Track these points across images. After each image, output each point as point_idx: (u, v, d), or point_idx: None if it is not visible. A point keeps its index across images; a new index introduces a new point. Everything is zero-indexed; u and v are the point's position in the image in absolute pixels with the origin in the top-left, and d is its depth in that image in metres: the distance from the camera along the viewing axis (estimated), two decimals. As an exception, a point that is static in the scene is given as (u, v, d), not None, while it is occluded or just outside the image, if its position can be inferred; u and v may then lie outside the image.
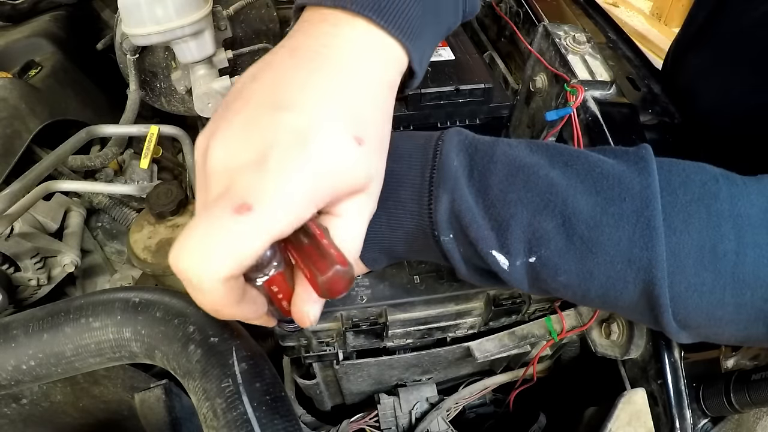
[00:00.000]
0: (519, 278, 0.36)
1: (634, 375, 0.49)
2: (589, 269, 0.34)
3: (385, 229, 0.38)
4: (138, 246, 0.59)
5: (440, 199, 0.35)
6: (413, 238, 0.38)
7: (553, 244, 0.34)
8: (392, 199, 0.37)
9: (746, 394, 0.42)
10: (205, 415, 0.32)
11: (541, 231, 0.34)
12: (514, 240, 0.34)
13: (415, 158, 0.38)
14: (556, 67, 0.62)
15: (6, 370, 0.36)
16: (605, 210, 0.33)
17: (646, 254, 0.32)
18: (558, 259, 0.34)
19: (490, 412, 0.63)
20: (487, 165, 0.36)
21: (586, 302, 0.37)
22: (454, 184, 0.35)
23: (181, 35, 0.67)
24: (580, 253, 0.34)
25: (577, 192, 0.34)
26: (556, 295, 0.37)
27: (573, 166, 0.36)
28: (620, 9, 3.08)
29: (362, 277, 0.44)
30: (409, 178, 0.37)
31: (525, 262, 0.35)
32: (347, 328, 0.43)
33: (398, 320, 0.44)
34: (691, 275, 0.33)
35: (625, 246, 0.33)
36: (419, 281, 0.44)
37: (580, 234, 0.34)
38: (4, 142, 0.63)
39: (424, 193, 0.36)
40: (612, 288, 0.34)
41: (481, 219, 0.35)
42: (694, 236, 0.33)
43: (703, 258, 0.33)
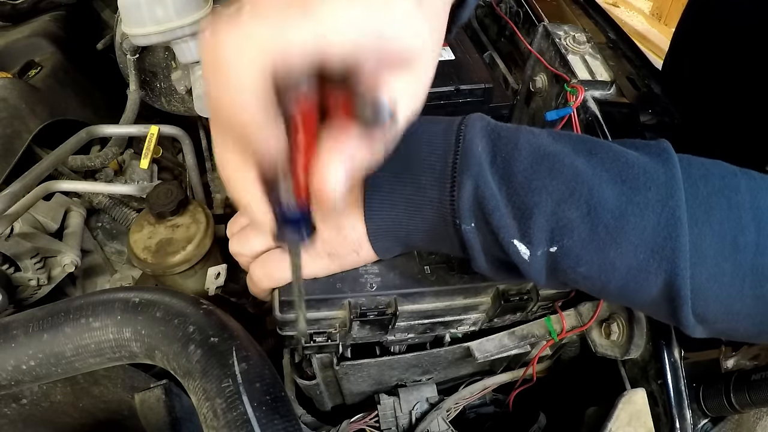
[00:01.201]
0: (538, 269, 0.35)
1: (634, 375, 0.49)
2: (612, 260, 0.33)
3: (403, 216, 0.38)
4: (138, 246, 0.59)
5: (464, 186, 0.35)
6: (432, 226, 0.37)
7: (577, 233, 0.33)
8: (412, 185, 0.37)
9: (746, 394, 0.42)
10: (205, 415, 0.32)
11: (564, 220, 0.34)
12: (537, 229, 0.34)
13: (436, 143, 0.37)
14: (556, 67, 0.62)
15: (6, 370, 0.36)
16: (631, 199, 0.33)
17: (670, 243, 0.32)
18: (580, 250, 0.34)
19: (490, 412, 0.63)
20: (511, 152, 0.35)
21: (603, 295, 0.36)
22: (478, 170, 0.35)
23: (181, 35, 0.67)
24: (604, 243, 0.33)
25: (603, 181, 0.34)
26: (572, 287, 0.37)
27: (597, 155, 0.35)
28: (620, 9, 3.08)
29: (372, 265, 0.44)
30: (429, 164, 0.36)
31: (546, 252, 0.34)
32: (354, 317, 0.43)
33: (406, 311, 0.44)
34: (712, 266, 0.32)
35: (650, 235, 0.33)
36: (430, 272, 0.44)
37: (606, 223, 0.33)
38: (4, 142, 0.63)
39: (447, 180, 0.35)
40: (633, 280, 0.34)
41: (504, 207, 0.34)
42: (716, 227, 0.33)
43: (724, 249, 0.32)
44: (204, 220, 0.61)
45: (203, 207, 0.63)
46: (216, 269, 0.59)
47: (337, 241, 0.40)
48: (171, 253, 0.58)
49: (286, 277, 0.42)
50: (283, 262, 0.41)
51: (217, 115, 0.27)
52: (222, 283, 0.59)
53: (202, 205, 0.63)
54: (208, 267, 0.60)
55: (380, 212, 0.38)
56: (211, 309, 0.38)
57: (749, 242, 0.32)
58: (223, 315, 0.38)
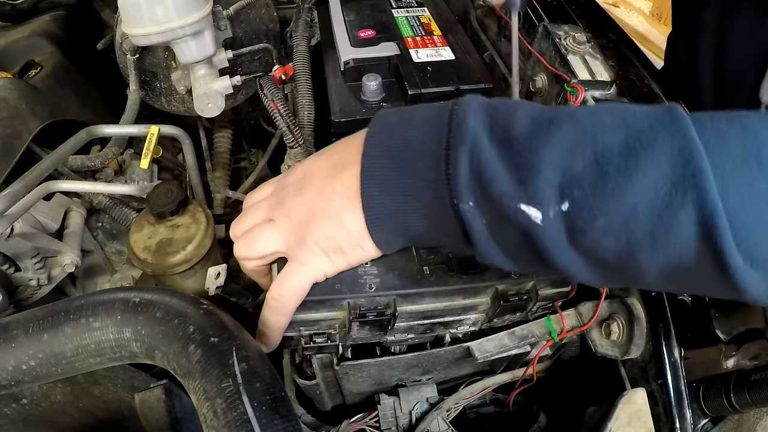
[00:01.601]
0: (554, 234, 0.33)
1: (634, 375, 0.49)
2: (631, 203, 0.31)
3: (401, 203, 0.37)
4: (138, 246, 0.59)
5: (458, 162, 0.34)
6: (431, 211, 0.36)
7: (587, 181, 0.32)
8: (409, 170, 0.37)
9: (746, 394, 0.42)
10: (205, 415, 0.32)
11: (572, 171, 0.32)
12: (545, 185, 0.32)
13: (430, 125, 0.36)
14: (556, 67, 0.62)
15: (6, 370, 0.36)
16: (638, 138, 0.32)
17: (690, 169, 0.30)
18: (593, 198, 0.32)
19: (490, 412, 0.63)
20: (509, 121, 0.35)
21: (633, 253, 0.32)
22: (472, 143, 0.34)
23: (181, 35, 0.67)
24: (618, 185, 0.31)
25: (606, 128, 0.33)
26: (598, 253, 0.33)
27: (597, 109, 0.35)
28: (620, 9, 3.09)
29: (371, 265, 0.43)
30: (425, 146, 0.36)
31: (558, 213, 0.32)
32: (354, 318, 0.43)
33: (405, 312, 0.44)
34: (743, 187, 0.30)
35: (666, 166, 0.31)
36: (429, 272, 0.44)
37: (616, 164, 0.31)
38: (4, 142, 0.63)
39: (441, 159, 0.35)
40: (660, 222, 0.31)
41: (506, 173, 0.33)
42: (735, 149, 0.30)
43: (751, 168, 0.30)
44: (204, 220, 0.61)
45: (203, 207, 0.63)
46: (216, 269, 0.59)
47: (341, 236, 0.40)
48: (171, 253, 0.58)
49: (306, 286, 0.42)
50: (302, 271, 0.41)
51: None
52: (222, 283, 0.59)
53: (202, 205, 0.63)
54: (208, 267, 0.60)
55: (377, 200, 0.38)
56: (211, 309, 0.38)
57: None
58: (223, 315, 0.38)
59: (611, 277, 0.36)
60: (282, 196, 0.44)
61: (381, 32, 0.65)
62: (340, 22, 0.68)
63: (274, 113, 0.65)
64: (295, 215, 0.42)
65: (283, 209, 0.43)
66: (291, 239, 0.42)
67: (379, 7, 0.71)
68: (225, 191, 0.89)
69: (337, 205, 0.40)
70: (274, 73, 0.72)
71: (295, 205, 0.42)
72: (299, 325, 0.45)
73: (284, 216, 0.43)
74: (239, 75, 0.78)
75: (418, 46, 0.64)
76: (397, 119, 0.39)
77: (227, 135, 1.00)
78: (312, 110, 0.67)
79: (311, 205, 0.41)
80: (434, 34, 0.66)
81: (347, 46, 0.63)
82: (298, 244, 0.42)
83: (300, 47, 0.71)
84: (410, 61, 0.61)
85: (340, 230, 0.40)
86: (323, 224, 0.40)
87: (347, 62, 0.61)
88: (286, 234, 0.42)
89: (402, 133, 0.37)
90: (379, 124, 0.40)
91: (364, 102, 0.59)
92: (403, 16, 0.70)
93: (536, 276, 0.45)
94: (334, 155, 0.43)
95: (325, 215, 0.40)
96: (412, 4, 0.73)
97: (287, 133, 0.65)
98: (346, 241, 0.40)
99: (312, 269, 0.41)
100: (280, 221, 0.43)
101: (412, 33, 0.66)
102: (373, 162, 0.38)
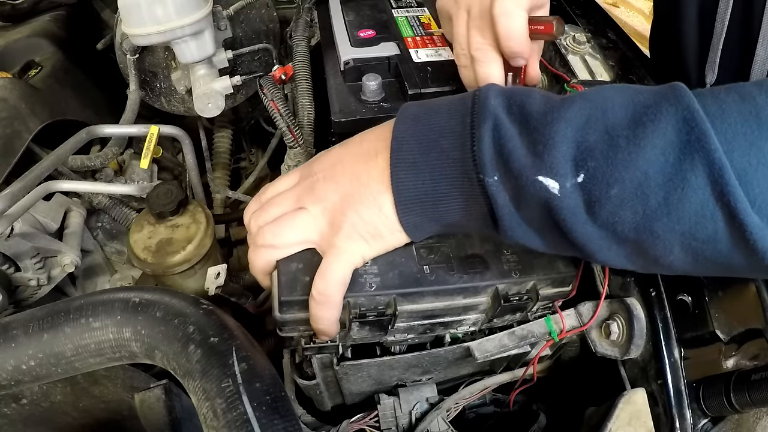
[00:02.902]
0: (572, 205, 0.34)
1: (634, 375, 0.49)
2: (643, 169, 0.33)
3: (429, 184, 0.39)
4: (138, 246, 0.59)
5: (483, 139, 0.36)
6: (459, 190, 0.38)
7: (599, 152, 0.34)
8: (435, 151, 0.38)
9: (746, 394, 0.42)
10: (205, 415, 0.32)
11: (585, 144, 0.34)
12: (561, 157, 0.34)
13: (454, 110, 0.39)
14: (556, 67, 0.62)
15: (6, 370, 0.36)
16: (645, 112, 0.34)
17: (695, 134, 0.32)
18: (606, 167, 0.34)
19: (490, 412, 0.63)
20: (524, 100, 0.37)
21: (651, 224, 0.33)
22: (494, 121, 0.36)
23: (181, 35, 0.67)
24: (628, 153, 0.33)
25: (615, 104, 0.35)
26: (616, 226, 0.34)
27: (607, 88, 0.37)
28: (620, 9, 3.08)
29: (371, 264, 0.43)
30: (450, 127, 0.38)
31: (575, 184, 0.34)
32: (354, 317, 0.43)
33: (405, 311, 0.44)
34: (746, 146, 0.31)
35: (672, 133, 0.32)
36: (429, 271, 0.44)
37: (625, 135, 0.34)
38: (4, 142, 0.63)
39: (467, 138, 0.37)
40: (672, 186, 0.32)
41: (524, 147, 0.35)
42: (734, 113, 0.32)
43: (753, 130, 0.32)
44: (204, 220, 0.61)
45: (203, 207, 0.63)
46: (216, 269, 0.59)
47: (380, 220, 0.41)
48: (171, 253, 0.58)
49: (348, 274, 0.42)
50: (342, 258, 0.41)
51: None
52: (222, 283, 0.59)
53: (202, 205, 0.63)
54: (208, 267, 0.60)
55: (406, 182, 0.39)
56: (211, 309, 0.38)
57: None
58: (223, 315, 0.38)
59: (632, 255, 0.36)
60: (311, 184, 0.44)
61: (381, 32, 0.65)
62: (340, 22, 0.68)
63: (274, 113, 0.65)
64: (329, 202, 0.42)
65: (315, 196, 0.43)
66: (325, 227, 0.42)
67: (379, 7, 0.71)
68: (225, 191, 0.89)
69: (373, 190, 0.41)
70: (274, 73, 0.72)
71: (327, 191, 0.42)
72: (299, 325, 0.45)
73: (316, 203, 0.43)
74: (239, 75, 0.78)
75: (418, 46, 0.64)
76: (422, 109, 0.41)
77: (227, 135, 1.00)
78: (312, 110, 0.67)
79: (346, 191, 0.42)
80: (434, 34, 0.66)
81: (347, 46, 0.63)
82: (334, 231, 0.42)
83: (300, 47, 0.71)
84: (410, 61, 0.61)
85: (379, 215, 0.41)
86: (360, 209, 0.41)
87: (347, 62, 0.61)
88: (320, 221, 0.43)
89: (427, 119, 0.40)
90: (405, 114, 0.42)
91: (364, 102, 0.59)
92: (403, 16, 0.70)
93: (537, 275, 0.45)
94: (362, 144, 0.44)
95: (362, 200, 0.41)
96: (412, 4, 0.73)
97: (287, 133, 0.65)
98: (385, 225, 0.41)
99: (351, 255, 0.42)
100: (313, 208, 0.43)
101: (412, 33, 0.66)
102: (402, 146, 0.40)
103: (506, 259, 0.45)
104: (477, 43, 0.50)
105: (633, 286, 0.49)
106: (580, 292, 0.49)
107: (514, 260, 0.45)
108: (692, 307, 0.48)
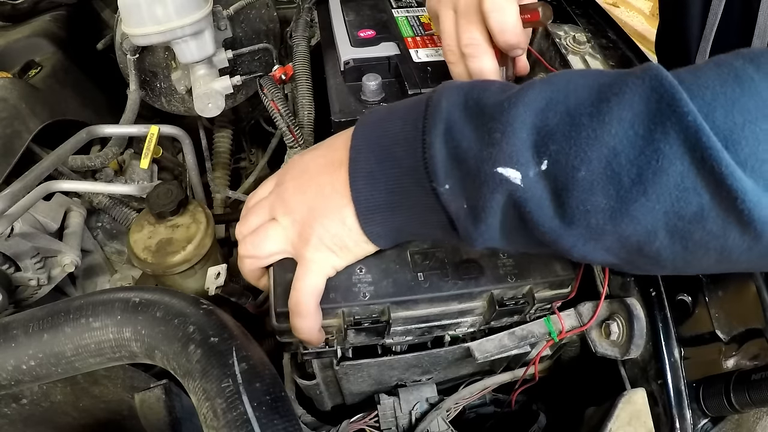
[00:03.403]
0: (538, 196, 0.32)
1: (634, 375, 0.49)
2: (610, 146, 0.30)
3: (384, 194, 0.38)
4: (138, 246, 0.59)
5: (433, 145, 0.34)
6: (414, 199, 0.37)
7: (560, 133, 0.31)
8: (389, 160, 0.37)
9: (746, 394, 0.42)
10: (205, 415, 0.32)
11: (546, 128, 0.32)
12: (520, 144, 0.31)
13: (408, 115, 0.37)
14: (556, 67, 0.62)
15: (6, 370, 0.36)
16: (609, 88, 0.31)
17: (665, 101, 0.29)
18: (570, 149, 0.31)
19: (490, 412, 0.63)
20: (481, 94, 0.35)
21: (627, 207, 0.30)
22: (446, 124, 0.35)
23: (181, 35, 0.67)
24: (592, 131, 0.30)
25: (579, 86, 0.33)
26: (589, 215, 0.31)
27: (572, 72, 0.36)
28: (620, 9, 3.08)
29: (365, 273, 0.44)
30: (403, 134, 0.37)
31: (539, 172, 0.31)
32: (348, 326, 0.43)
33: (400, 318, 0.44)
34: (729, 105, 0.28)
35: (640, 104, 0.29)
36: (423, 278, 0.44)
37: (588, 112, 0.31)
38: (4, 142, 0.63)
39: (418, 144, 0.35)
40: (645, 161, 0.29)
41: (480, 140, 0.33)
42: (711, 77, 0.29)
43: (734, 90, 0.29)
44: (204, 220, 0.61)
45: (203, 207, 0.63)
46: (216, 269, 0.59)
47: (344, 233, 0.41)
48: (171, 253, 0.58)
49: (320, 283, 0.42)
50: (312, 269, 0.41)
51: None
52: (222, 283, 0.59)
53: (202, 205, 0.63)
54: (208, 267, 0.60)
55: (364, 192, 0.39)
56: (211, 309, 0.38)
57: (753, 77, 0.29)
58: (223, 315, 0.38)
59: (613, 247, 0.32)
60: (281, 193, 0.44)
61: (381, 32, 0.65)
62: (340, 22, 0.68)
63: (274, 113, 0.65)
64: (297, 214, 0.42)
65: (285, 208, 0.43)
66: (295, 239, 0.42)
67: (379, 7, 0.71)
68: (225, 191, 0.89)
69: (337, 204, 0.40)
70: (274, 73, 0.72)
71: (295, 203, 0.42)
72: None
73: (286, 215, 0.43)
74: (239, 75, 0.78)
75: (418, 46, 0.64)
76: (382, 113, 0.40)
77: (227, 135, 1.00)
78: (312, 110, 0.67)
79: (312, 204, 0.41)
80: (434, 34, 0.66)
81: (347, 46, 0.63)
82: (303, 244, 0.42)
83: (300, 47, 0.71)
84: (410, 61, 0.61)
85: (342, 228, 0.40)
86: (325, 223, 0.41)
87: (347, 62, 0.61)
88: (290, 234, 0.43)
89: (384, 125, 0.39)
90: (365, 120, 0.41)
91: (364, 102, 0.59)
92: (403, 16, 0.70)
93: (533, 279, 0.45)
94: (328, 152, 0.43)
95: (326, 214, 0.40)
96: (412, 4, 0.73)
97: (287, 133, 0.65)
98: (350, 237, 0.41)
99: (321, 266, 0.42)
100: (283, 220, 0.43)
101: (412, 33, 0.66)
102: (359, 155, 0.39)
103: (502, 264, 0.45)
104: (467, 39, 0.49)
105: (633, 286, 0.49)
106: (580, 292, 0.49)
107: (510, 264, 0.45)
108: (692, 307, 0.48)
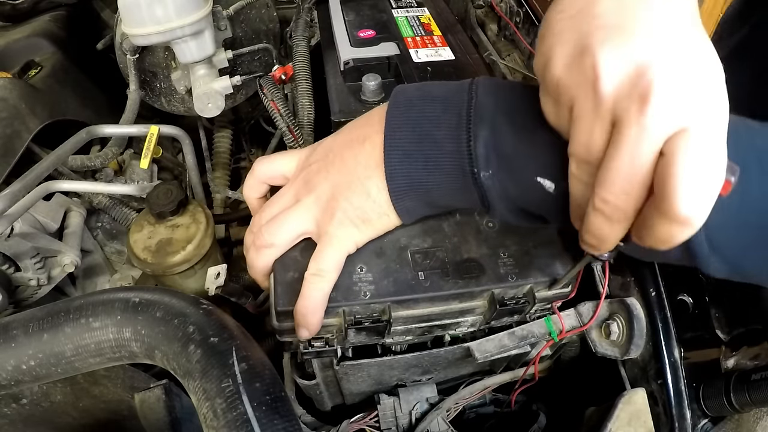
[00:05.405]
0: (564, 204, 0.36)
1: (634, 375, 0.49)
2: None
3: (422, 172, 0.40)
4: (138, 246, 0.59)
5: (479, 136, 0.37)
6: (452, 178, 0.39)
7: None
8: (428, 141, 0.39)
9: (746, 394, 0.42)
10: (205, 415, 0.32)
11: None
12: (557, 160, 0.35)
13: (450, 101, 0.39)
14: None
15: (6, 370, 0.36)
16: None
17: None
18: None
19: (490, 412, 0.63)
20: (517, 101, 0.38)
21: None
22: (491, 120, 0.37)
23: (181, 35, 0.67)
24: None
25: None
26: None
27: None
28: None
29: (365, 272, 0.44)
30: (445, 119, 0.39)
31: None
32: (349, 325, 0.43)
33: (401, 317, 0.44)
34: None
35: None
36: (424, 278, 0.44)
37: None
38: (4, 142, 0.63)
39: (462, 132, 0.38)
40: None
41: (521, 148, 0.36)
42: None
43: None
44: (204, 220, 0.61)
45: (203, 207, 0.63)
46: (216, 269, 0.59)
47: (368, 206, 0.42)
48: (171, 253, 0.58)
49: (340, 260, 0.43)
50: (333, 244, 0.42)
51: None
52: (222, 283, 0.59)
53: (202, 205, 0.63)
54: (208, 267, 0.60)
55: (400, 170, 0.40)
56: (211, 309, 0.38)
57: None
58: (223, 315, 0.38)
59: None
60: (306, 176, 0.45)
61: (381, 32, 0.65)
62: (340, 22, 0.68)
63: (274, 113, 0.65)
64: (321, 191, 0.43)
65: (308, 188, 0.44)
66: (319, 215, 0.43)
67: (379, 7, 0.71)
68: (225, 191, 0.89)
69: (361, 176, 0.41)
70: (274, 73, 0.72)
71: (319, 181, 0.43)
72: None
73: (310, 193, 0.44)
74: (239, 75, 0.78)
75: (418, 46, 0.64)
76: (417, 94, 0.42)
77: (227, 135, 1.00)
78: (312, 110, 0.67)
79: (336, 179, 0.43)
80: (434, 34, 0.66)
81: (347, 46, 0.63)
82: (328, 219, 0.42)
83: (300, 47, 0.71)
84: (410, 61, 0.61)
85: (367, 200, 0.42)
86: (349, 196, 0.42)
87: (347, 62, 0.61)
88: (314, 211, 0.43)
89: (421, 107, 0.40)
90: (399, 98, 0.42)
91: (364, 102, 0.59)
92: (403, 16, 0.70)
93: (534, 279, 0.45)
94: (353, 131, 0.44)
95: (350, 187, 0.42)
96: (412, 4, 0.73)
97: (287, 133, 0.65)
98: (373, 210, 0.42)
99: (343, 241, 0.42)
100: (306, 200, 0.44)
101: (412, 33, 0.66)
102: (395, 133, 0.40)
103: (503, 263, 0.45)
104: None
105: (633, 286, 0.49)
106: (580, 292, 0.49)
107: (510, 263, 0.45)
108: (692, 307, 0.48)
